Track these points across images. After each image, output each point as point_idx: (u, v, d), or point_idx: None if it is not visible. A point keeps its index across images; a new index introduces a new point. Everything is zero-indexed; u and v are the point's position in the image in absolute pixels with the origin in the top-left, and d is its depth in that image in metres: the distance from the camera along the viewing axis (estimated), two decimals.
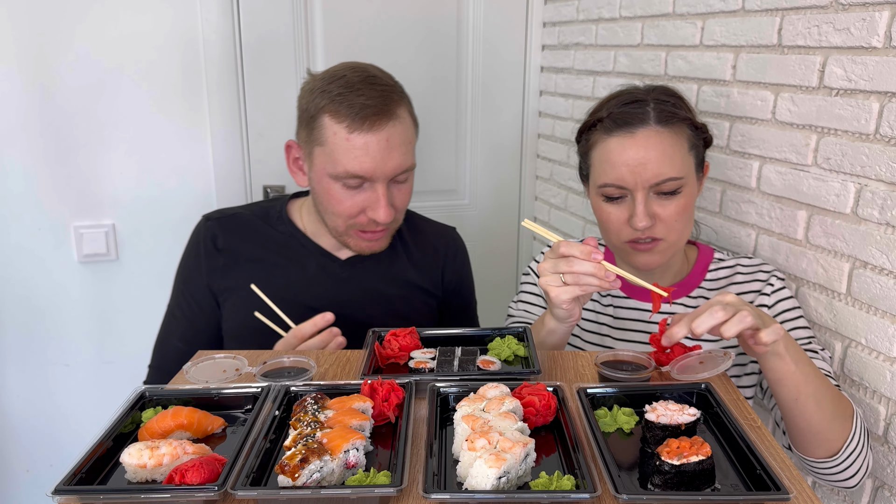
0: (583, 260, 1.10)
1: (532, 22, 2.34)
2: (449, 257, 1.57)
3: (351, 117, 1.26)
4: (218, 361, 1.08)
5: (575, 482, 0.78)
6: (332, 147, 1.29)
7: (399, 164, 1.31)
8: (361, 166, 1.28)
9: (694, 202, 1.30)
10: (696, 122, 1.30)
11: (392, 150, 1.29)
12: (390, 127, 1.29)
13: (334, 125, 1.28)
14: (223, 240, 1.43)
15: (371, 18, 2.18)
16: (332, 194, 1.32)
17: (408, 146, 1.34)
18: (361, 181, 1.30)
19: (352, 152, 1.27)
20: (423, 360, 1.11)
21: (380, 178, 1.30)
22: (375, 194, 1.31)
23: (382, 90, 1.31)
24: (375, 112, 1.27)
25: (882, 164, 1.17)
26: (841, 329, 1.28)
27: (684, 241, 1.33)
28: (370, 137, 1.27)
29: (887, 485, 1.21)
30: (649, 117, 1.26)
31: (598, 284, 1.10)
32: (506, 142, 2.45)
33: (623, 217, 1.28)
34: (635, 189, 1.25)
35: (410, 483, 0.80)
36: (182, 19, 1.98)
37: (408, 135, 1.34)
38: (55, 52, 1.90)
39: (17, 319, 2.04)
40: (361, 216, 1.34)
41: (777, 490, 0.76)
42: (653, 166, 1.23)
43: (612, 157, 1.27)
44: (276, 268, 1.42)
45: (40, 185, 1.97)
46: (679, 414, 0.89)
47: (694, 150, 1.29)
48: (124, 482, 0.83)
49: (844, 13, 1.22)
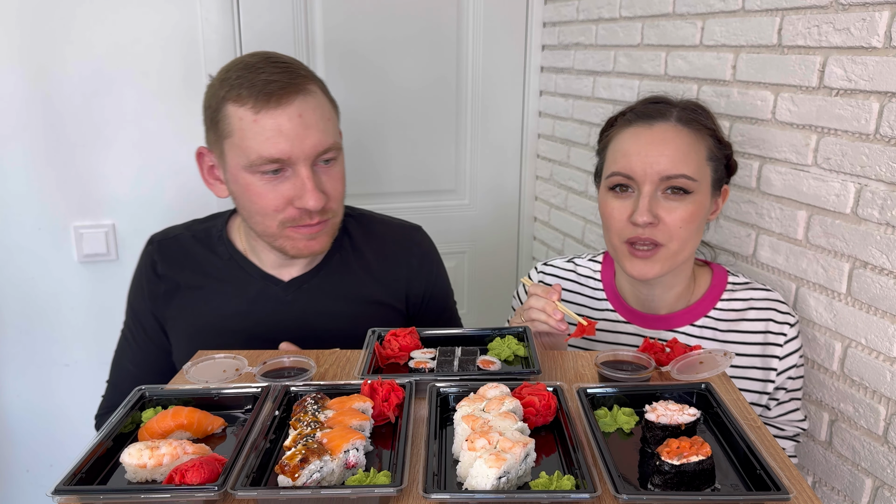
0: (539, 297, 1.20)
1: (532, 22, 2.34)
2: (413, 267, 1.41)
3: (254, 97, 1.14)
4: (218, 361, 1.08)
5: (575, 482, 0.78)
6: (240, 135, 1.16)
7: (318, 142, 1.18)
8: (276, 147, 1.15)
9: (703, 215, 1.26)
10: (720, 136, 1.29)
11: (308, 128, 1.16)
12: (300, 101, 1.16)
13: (239, 110, 1.15)
14: (162, 266, 1.34)
15: (371, 18, 2.18)
16: (252, 190, 1.19)
17: (326, 123, 1.20)
18: (280, 166, 1.17)
19: (262, 134, 1.14)
20: (423, 360, 1.11)
21: (300, 160, 1.17)
22: (300, 179, 1.18)
23: (286, 66, 1.18)
24: (281, 87, 1.14)
25: (882, 164, 1.17)
26: (841, 329, 1.28)
27: (686, 256, 1.28)
28: (280, 115, 1.14)
29: (887, 485, 1.21)
30: (671, 115, 1.26)
31: (544, 320, 1.19)
32: (506, 142, 2.45)
33: (625, 213, 1.25)
34: (643, 181, 1.23)
35: (410, 483, 0.80)
36: (182, 19, 1.98)
37: (324, 111, 1.20)
38: (55, 52, 1.90)
39: (17, 319, 2.04)
40: (290, 209, 1.20)
41: (777, 490, 0.76)
42: (665, 160, 1.21)
43: (626, 145, 1.26)
44: (215, 295, 1.32)
45: (40, 185, 1.97)
46: (679, 414, 0.89)
47: (712, 163, 1.27)
48: (124, 482, 0.83)
49: (844, 13, 1.22)
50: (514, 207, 2.53)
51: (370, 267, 1.38)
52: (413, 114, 2.31)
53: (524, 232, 2.55)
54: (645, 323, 1.37)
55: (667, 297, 1.35)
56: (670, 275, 1.30)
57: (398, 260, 1.40)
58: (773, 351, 1.29)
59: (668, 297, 1.35)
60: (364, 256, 1.39)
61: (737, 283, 1.36)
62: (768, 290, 1.34)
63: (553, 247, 2.38)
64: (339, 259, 1.37)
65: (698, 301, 1.35)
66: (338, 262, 1.37)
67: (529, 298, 1.23)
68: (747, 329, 1.31)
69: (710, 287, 1.36)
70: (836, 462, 1.32)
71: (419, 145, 2.34)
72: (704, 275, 1.39)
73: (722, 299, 1.34)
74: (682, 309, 1.35)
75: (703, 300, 1.35)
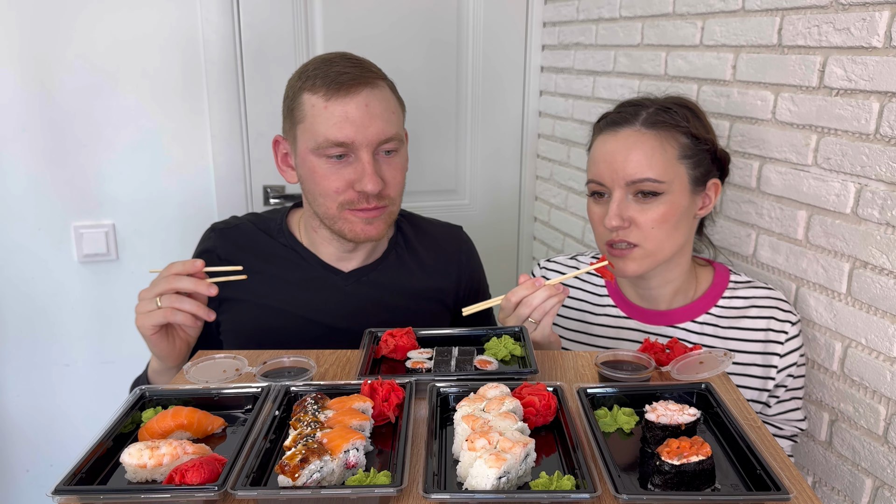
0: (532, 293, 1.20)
1: (532, 22, 2.34)
2: (463, 263, 1.52)
3: (327, 86, 1.25)
4: (218, 361, 1.08)
5: (575, 482, 0.78)
6: (311, 120, 1.26)
7: (381, 130, 1.26)
8: (342, 132, 1.24)
9: (678, 214, 1.26)
10: (696, 132, 1.27)
11: (373, 117, 1.26)
12: (368, 93, 1.26)
13: (311, 98, 1.26)
14: (224, 251, 1.40)
15: (371, 18, 2.18)
16: (318, 172, 1.28)
17: (391, 115, 1.29)
18: (344, 150, 1.26)
19: (330, 119, 1.25)
20: (420, 361, 1.11)
21: (363, 146, 1.26)
22: (361, 164, 1.26)
23: (359, 62, 1.30)
24: (352, 78, 1.25)
25: (882, 164, 1.17)
26: (841, 329, 1.28)
27: (668, 254, 1.29)
28: (348, 102, 1.24)
29: (887, 485, 1.21)
30: (637, 119, 1.28)
31: (557, 302, 1.20)
32: (506, 142, 2.45)
33: (603, 217, 1.29)
34: (612, 186, 1.27)
35: (410, 483, 0.80)
36: (182, 19, 1.98)
37: (389, 104, 1.30)
38: (55, 52, 1.90)
39: (17, 319, 2.04)
40: (350, 192, 1.28)
41: (777, 490, 0.76)
42: (631, 165, 1.25)
43: (596, 153, 1.32)
44: (276, 279, 1.38)
45: (40, 185, 1.97)
46: (679, 414, 0.89)
47: (687, 161, 1.27)
48: (124, 482, 0.83)
49: (844, 13, 1.22)
50: (514, 207, 2.53)
51: (423, 263, 1.47)
52: (413, 114, 2.29)
53: (524, 232, 2.55)
54: (646, 318, 1.38)
55: (664, 292, 1.37)
56: (662, 269, 1.33)
57: (449, 257, 1.50)
58: (774, 349, 1.29)
59: (665, 292, 1.37)
60: (417, 254, 1.47)
61: (739, 281, 1.37)
62: (770, 288, 1.34)
63: (553, 247, 2.39)
64: (395, 256, 1.45)
65: (700, 298, 1.36)
66: (394, 259, 1.45)
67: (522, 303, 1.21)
68: (748, 327, 1.32)
69: (712, 285, 1.37)
70: (836, 462, 1.32)
71: (419, 145, 2.34)
72: (706, 273, 1.40)
73: (723, 297, 1.35)
74: (683, 305, 1.36)
75: (704, 297, 1.36)
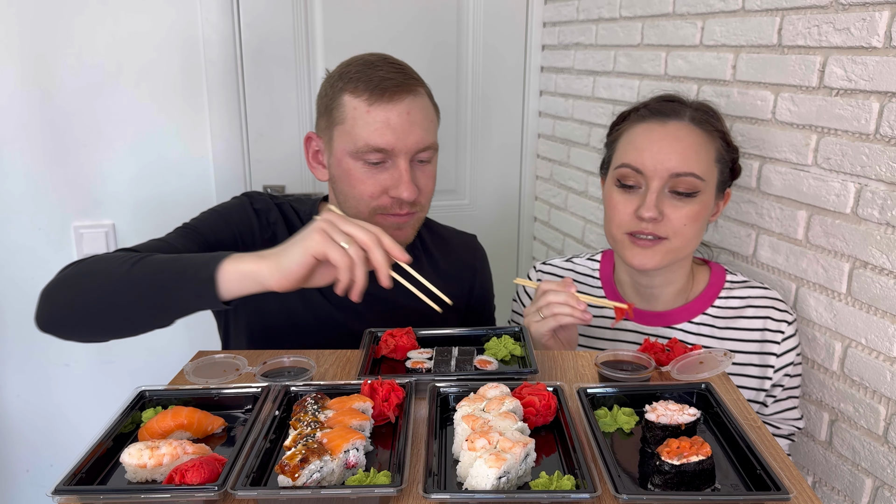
0: (558, 291, 1.20)
1: (532, 22, 2.34)
2: (477, 272, 1.53)
3: (370, 90, 1.25)
4: (218, 361, 1.08)
5: (575, 482, 0.78)
6: (351, 123, 1.26)
7: (420, 139, 1.27)
8: (383, 138, 1.24)
9: (706, 216, 1.28)
10: (729, 140, 1.30)
11: (414, 125, 1.26)
12: (410, 100, 1.26)
13: (353, 100, 1.26)
14: (266, 218, 1.38)
15: (371, 18, 2.18)
16: (353, 175, 1.28)
17: (429, 124, 1.31)
18: (383, 156, 1.26)
19: (372, 125, 1.24)
20: (419, 360, 1.11)
21: (402, 153, 1.26)
22: (398, 171, 1.27)
23: (401, 68, 1.30)
24: (395, 84, 1.25)
25: (882, 164, 1.17)
26: (841, 329, 1.28)
27: (687, 253, 1.30)
28: (391, 109, 1.25)
29: (887, 485, 1.21)
30: (685, 114, 1.28)
31: (569, 313, 1.18)
32: (506, 142, 2.45)
33: (630, 208, 1.27)
34: (652, 176, 1.24)
35: (410, 483, 0.80)
36: (182, 19, 1.98)
37: (428, 112, 1.31)
38: (55, 52, 1.90)
39: (18, 319, 2.04)
40: (384, 197, 1.28)
41: (777, 490, 0.76)
42: (676, 157, 1.23)
43: (638, 140, 1.28)
44: None
45: (40, 185, 1.97)
46: (679, 414, 0.89)
47: (720, 165, 1.28)
48: (124, 482, 0.83)
49: (844, 13, 1.22)
50: (514, 207, 2.53)
51: (439, 268, 1.47)
52: None
53: (524, 232, 2.55)
54: (643, 319, 1.38)
55: (665, 292, 1.36)
56: (669, 269, 1.32)
57: (464, 263, 1.52)
58: (771, 348, 1.30)
59: (666, 293, 1.36)
60: (434, 258, 1.48)
61: (735, 281, 1.37)
62: (766, 288, 1.35)
63: (553, 247, 2.38)
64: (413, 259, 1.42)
65: (696, 298, 1.36)
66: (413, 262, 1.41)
67: (545, 294, 1.21)
68: (745, 326, 1.32)
69: (709, 285, 1.37)
70: (836, 462, 1.32)
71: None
72: (703, 273, 1.40)
73: (720, 297, 1.35)
74: (680, 306, 1.36)
75: (700, 297, 1.36)
